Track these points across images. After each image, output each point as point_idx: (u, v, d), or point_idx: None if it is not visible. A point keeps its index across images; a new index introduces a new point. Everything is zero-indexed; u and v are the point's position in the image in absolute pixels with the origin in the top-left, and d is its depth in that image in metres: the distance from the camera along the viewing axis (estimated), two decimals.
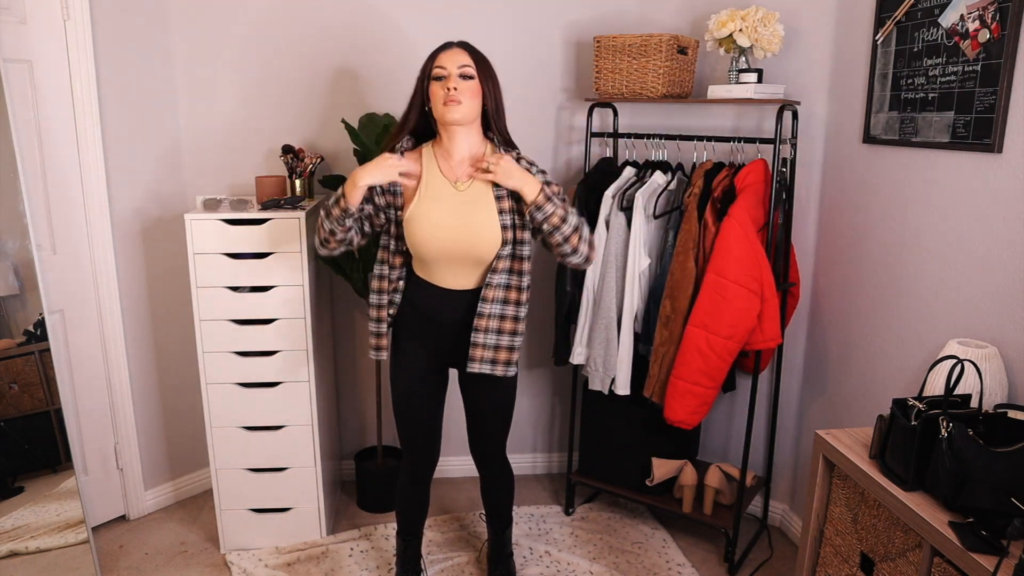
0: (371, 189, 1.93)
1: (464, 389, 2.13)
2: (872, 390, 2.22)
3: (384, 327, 2.03)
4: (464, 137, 1.92)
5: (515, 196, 1.91)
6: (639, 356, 2.50)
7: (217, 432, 2.44)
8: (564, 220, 1.88)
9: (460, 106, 1.84)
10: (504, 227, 1.90)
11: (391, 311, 2.03)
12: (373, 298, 2.03)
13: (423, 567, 2.36)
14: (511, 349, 1.98)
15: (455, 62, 1.85)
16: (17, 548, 2.23)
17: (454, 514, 2.81)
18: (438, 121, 1.91)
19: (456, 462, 3.07)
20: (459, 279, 1.96)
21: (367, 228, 2.01)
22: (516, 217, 1.93)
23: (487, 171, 1.87)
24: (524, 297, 1.98)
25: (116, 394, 2.63)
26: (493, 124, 1.95)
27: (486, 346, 1.95)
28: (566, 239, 1.91)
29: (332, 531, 2.66)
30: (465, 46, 1.90)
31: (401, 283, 2.03)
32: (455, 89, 1.83)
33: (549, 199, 1.87)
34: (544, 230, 1.89)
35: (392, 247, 2.01)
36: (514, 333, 1.98)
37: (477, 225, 1.89)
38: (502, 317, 1.96)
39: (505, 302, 1.96)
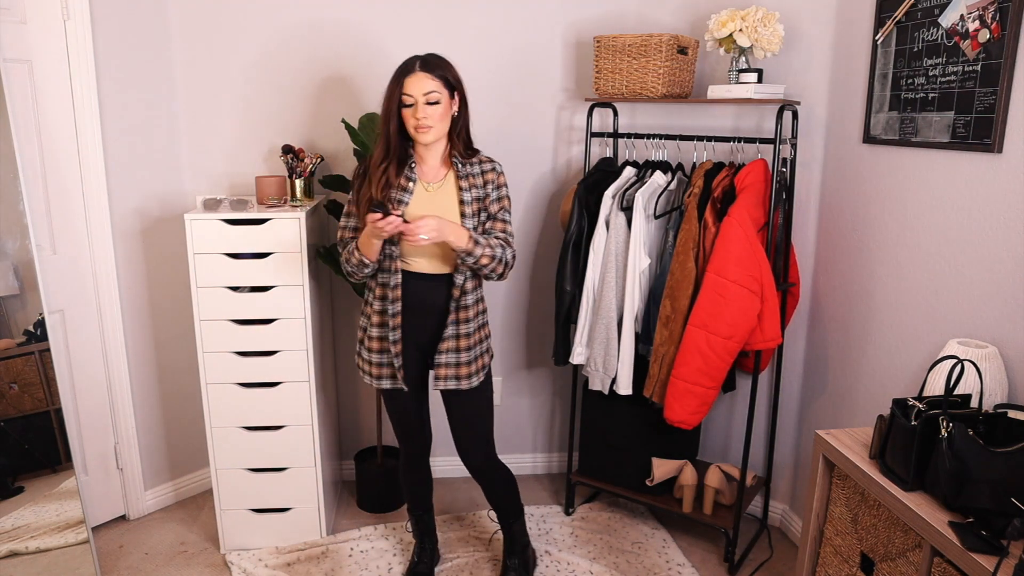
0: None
1: (443, 398, 2.20)
2: (872, 390, 2.22)
3: (398, 360, 2.09)
4: (435, 147, 2.05)
5: (479, 199, 2.05)
6: (639, 356, 2.50)
7: (217, 432, 2.44)
8: (492, 258, 2.00)
9: (431, 130, 1.97)
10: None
11: (396, 337, 2.07)
12: (375, 331, 2.10)
13: (437, 538, 2.47)
14: (470, 363, 2.10)
15: (420, 89, 1.93)
16: (17, 548, 2.23)
17: (454, 514, 2.81)
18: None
19: (456, 462, 3.07)
20: (433, 266, 2.06)
21: None
22: (477, 222, 2.05)
23: (420, 240, 1.90)
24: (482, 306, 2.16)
25: (116, 394, 2.63)
26: (456, 134, 2.05)
27: (448, 364, 2.08)
28: (492, 271, 2.03)
29: (332, 531, 2.66)
30: (428, 66, 1.95)
31: (397, 288, 2.05)
32: (424, 117, 1.94)
33: (477, 243, 1.97)
34: (471, 266, 2.01)
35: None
36: (479, 342, 2.13)
37: None
38: (468, 333, 2.09)
39: (467, 316, 2.09)
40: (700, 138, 2.45)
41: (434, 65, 1.96)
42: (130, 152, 2.56)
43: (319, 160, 2.61)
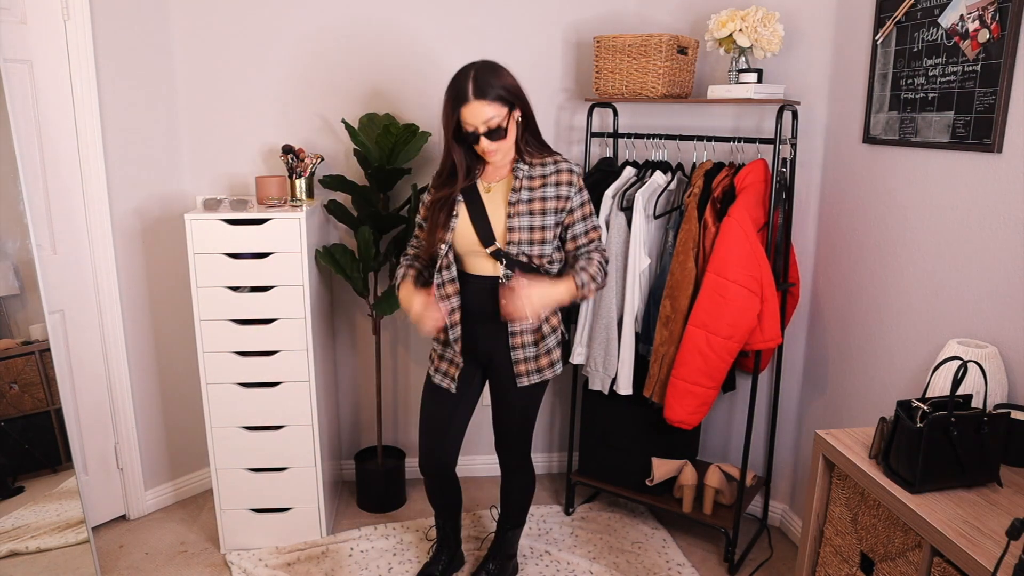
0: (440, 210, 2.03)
1: (493, 391, 2.19)
2: (872, 390, 2.22)
3: (459, 357, 2.09)
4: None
5: (542, 199, 1.99)
6: (639, 356, 2.50)
7: (217, 432, 2.44)
8: (594, 280, 1.99)
9: (498, 153, 1.94)
10: (510, 229, 1.97)
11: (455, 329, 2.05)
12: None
13: (457, 547, 2.44)
14: (549, 351, 2.11)
15: (479, 118, 1.87)
16: (17, 548, 2.23)
17: None
18: None
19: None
20: (490, 267, 2.04)
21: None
22: (530, 219, 1.98)
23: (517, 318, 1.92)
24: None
25: (116, 394, 2.63)
26: (522, 139, 2.00)
27: (527, 359, 2.08)
28: (599, 290, 2.03)
29: (332, 531, 2.66)
30: (481, 92, 1.86)
31: (455, 280, 2.02)
32: (490, 149, 1.92)
33: (582, 287, 1.96)
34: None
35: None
36: (553, 331, 2.11)
37: (496, 224, 2.00)
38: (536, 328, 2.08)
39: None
40: (700, 138, 2.45)
41: (487, 86, 1.86)
42: (130, 152, 2.56)
43: (319, 160, 2.61)
